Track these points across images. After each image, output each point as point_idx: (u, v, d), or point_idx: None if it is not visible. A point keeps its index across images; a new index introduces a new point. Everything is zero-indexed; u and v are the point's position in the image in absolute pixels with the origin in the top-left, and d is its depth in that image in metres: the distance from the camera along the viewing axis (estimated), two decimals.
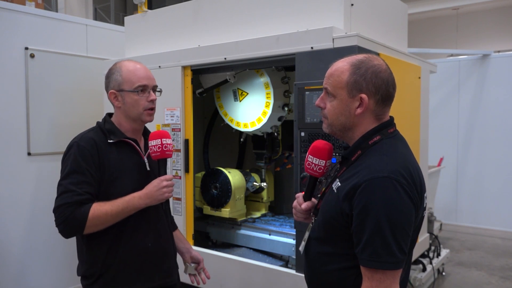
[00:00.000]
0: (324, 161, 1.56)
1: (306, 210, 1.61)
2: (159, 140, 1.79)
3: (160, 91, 1.97)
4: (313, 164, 1.57)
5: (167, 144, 1.80)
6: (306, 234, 1.58)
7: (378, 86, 1.39)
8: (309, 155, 1.59)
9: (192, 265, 2.09)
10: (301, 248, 1.60)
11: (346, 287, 1.41)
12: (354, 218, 1.32)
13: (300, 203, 1.63)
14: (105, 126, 1.85)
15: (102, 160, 1.76)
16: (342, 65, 1.44)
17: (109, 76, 1.88)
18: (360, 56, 1.45)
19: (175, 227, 2.15)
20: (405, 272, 1.46)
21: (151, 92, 1.86)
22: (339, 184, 1.41)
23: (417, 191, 1.35)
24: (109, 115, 1.94)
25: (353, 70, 1.40)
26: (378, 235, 1.27)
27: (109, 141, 1.80)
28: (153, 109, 1.88)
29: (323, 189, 1.57)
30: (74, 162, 1.72)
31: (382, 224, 1.26)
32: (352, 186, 1.33)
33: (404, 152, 1.44)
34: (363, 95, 1.39)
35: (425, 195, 1.43)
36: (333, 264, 1.45)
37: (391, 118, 1.50)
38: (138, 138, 1.92)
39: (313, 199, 1.64)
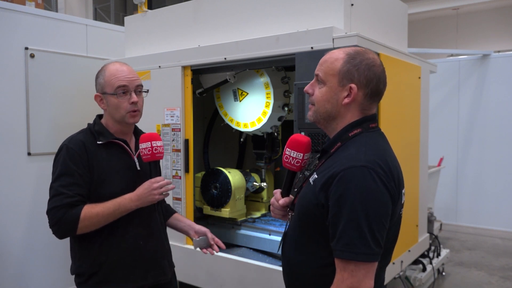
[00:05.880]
0: (302, 154, 1.51)
1: (283, 206, 1.56)
2: (149, 143, 1.80)
3: (147, 91, 1.95)
4: (290, 158, 1.52)
5: (157, 146, 1.81)
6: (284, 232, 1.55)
7: (369, 79, 1.37)
8: (287, 148, 1.53)
9: (199, 238, 2.03)
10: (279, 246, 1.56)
11: (325, 284, 1.32)
12: (330, 209, 1.27)
13: (277, 199, 1.57)
14: (95, 128, 1.87)
15: (91, 161, 1.78)
16: (337, 53, 1.41)
17: (96, 79, 1.91)
18: (356, 48, 1.43)
19: (173, 211, 2.15)
20: (381, 269, 1.40)
21: (133, 94, 1.84)
22: (316, 176, 1.37)
23: (395, 183, 1.31)
24: (100, 116, 1.96)
25: (348, 59, 1.38)
26: (353, 224, 1.21)
27: (98, 142, 1.82)
28: (136, 111, 1.86)
29: (301, 184, 1.51)
30: (63, 164, 1.75)
31: (358, 214, 1.21)
32: (329, 176, 1.29)
33: (384, 146, 1.41)
34: (353, 85, 1.36)
35: (403, 191, 1.39)
36: (310, 262, 1.40)
37: (375, 114, 1.47)
38: (128, 138, 1.93)
39: (290, 195, 1.59)
